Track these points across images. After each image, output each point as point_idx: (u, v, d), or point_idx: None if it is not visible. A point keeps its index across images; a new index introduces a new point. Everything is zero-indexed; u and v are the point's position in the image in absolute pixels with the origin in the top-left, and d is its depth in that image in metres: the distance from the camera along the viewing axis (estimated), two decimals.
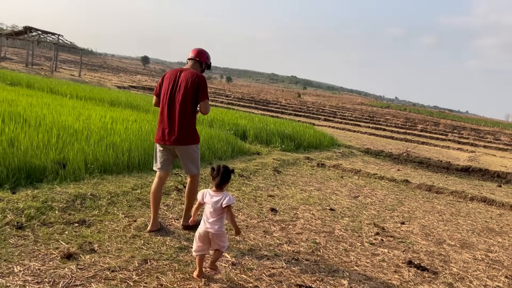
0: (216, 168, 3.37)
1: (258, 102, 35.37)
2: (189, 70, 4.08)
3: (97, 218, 4.14)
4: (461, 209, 7.36)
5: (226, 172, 3.36)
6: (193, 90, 3.95)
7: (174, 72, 4.10)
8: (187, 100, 3.95)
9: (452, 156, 18.18)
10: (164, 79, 4.11)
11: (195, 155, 4.13)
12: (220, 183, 3.33)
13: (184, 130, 3.98)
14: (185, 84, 3.95)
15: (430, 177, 10.70)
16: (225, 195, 3.30)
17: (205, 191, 3.38)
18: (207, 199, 3.31)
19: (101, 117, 8.91)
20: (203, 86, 3.98)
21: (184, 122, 3.97)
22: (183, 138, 3.99)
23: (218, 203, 3.26)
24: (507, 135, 37.51)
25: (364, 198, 7.06)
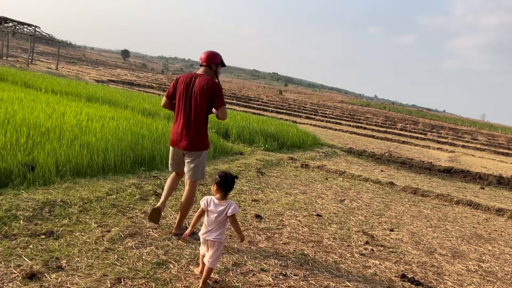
0: (222, 175, 3.30)
1: (240, 99, 35.03)
2: (203, 76, 4.07)
3: (66, 228, 3.77)
4: (447, 213, 7.22)
5: (231, 179, 3.33)
6: (208, 98, 3.96)
7: (188, 77, 4.09)
8: (201, 107, 3.98)
9: (433, 156, 18.24)
10: (178, 83, 4.10)
11: (202, 161, 4.14)
12: (226, 191, 3.30)
13: (196, 136, 4.02)
14: (200, 91, 3.96)
15: (414, 179, 10.60)
16: (230, 204, 3.25)
17: (208, 198, 3.30)
18: (212, 207, 3.25)
19: (76, 114, 8.46)
20: (218, 93, 3.99)
21: (197, 128, 4.02)
22: (194, 143, 4.03)
23: (223, 212, 3.22)
24: (483, 135, 38.20)
25: (350, 202, 6.85)
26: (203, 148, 4.11)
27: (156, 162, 6.57)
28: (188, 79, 4.05)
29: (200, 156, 4.09)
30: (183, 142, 4.02)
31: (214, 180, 3.31)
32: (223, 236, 3.27)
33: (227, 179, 3.29)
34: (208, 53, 4.16)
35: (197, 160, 4.08)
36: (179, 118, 4.06)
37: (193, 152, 4.04)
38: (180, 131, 4.04)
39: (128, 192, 5.00)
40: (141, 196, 5.02)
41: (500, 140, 34.45)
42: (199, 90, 3.95)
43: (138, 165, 6.25)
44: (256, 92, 51.10)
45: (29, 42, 41.14)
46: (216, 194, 3.32)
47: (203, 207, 3.28)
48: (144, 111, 12.22)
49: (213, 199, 3.29)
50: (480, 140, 32.11)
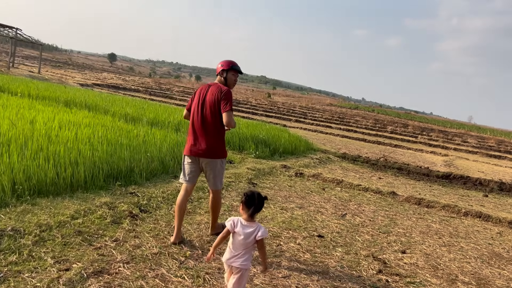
0: (249, 194, 3.08)
1: None
2: (216, 84, 4.16)
3: (13, 268, 3.00)
4: (458, 227, 6.58)
5: (261, 199, 3.10)
6: (218, 104, 4.00)
7: (204, 88, 4.19)
8: (213, 114, 4.02)
9: (427, 161, 17.73)
10: (195, 95, 4.21)
11: (220, 170, 4.16)
12: (254, 212, 3.05)
13: (211, 144, 4.04)
14: (210, 98, 4.03)
15: (414, 187, 9.98)
16: (259, 227, 3.02)
17: (235, 219, 3.06)
18: (239, 229, 3.00)
19: (48, 120, 7.65)
20: (225, 97, 4.00)
21: (211, 136, 4.04)
22: (210, 151, 4.05)
23: (251, 235, 2.98)
24: (473, 137, 37.93)
25: (352, 217, 6.17)
26: (220, 156, 4.12)
27: (134, 176, 5.81)
28: (204, 89, 4.16)
29: (217, 164, 4.11)
30: (198, 150, 4.06)
31: (241, 199, 3.10)
32: (249, 262, 3.03)
33: (253, 198, 3.05)
34: (220, 62, 4.24)
35: (215, 169, 4.11)
36: (195, 127, 4.11)
37: (209, 159, 4.06)
38: (195, 139, 4.09)
39: (98, 214, 4.24)
40: (114, 218, 4.26)
41: (490, 143, 34.25)
42: (211, 98, 4.02)
43: (113, 179, 5.48)
44: (244, 96, 50.41)
45: (10, 45, 39.89)
46: (243, 215, 3.07)
47: (229, 228, 3.02)
48: (126, 116, 11.44)
49: (240, 220, 3.04)
50: (470, 142, 31.81)
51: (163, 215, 4.72)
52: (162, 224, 4.44)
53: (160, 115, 12.24)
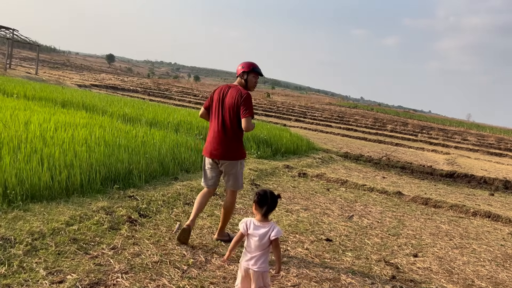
0: (261, 193, 2.98)
1: None
2: (236, 86, 4.12)
3: (2, 281, 2.77)
4: (467, 228, 6.38)
5: (272, 198, 2.98)
6: (237, 106, 3.97)
7: (223, 89, 4.14)
8: (232, 116, 4.00)
9: (429, 159, 17.54)
10: (214, 94, 4.17)
11: (239, 171, 4.14)
12: (267, 212, 2.95)
13: (229, 145, 4.02)
14: (230, 100, 4.01)
15: (419, 186, 9.78)
16: (273, 226, 2.92)
17: (248, 220, 2.98)
18: (252, 230, 2.92)
19: (43, 121, 7.42)
20: (245, 102, 3.97)
21: (230, 138, 4.02)
22: (228, 152, 4.03)
23: (265, 235, 2.88)
24: (473, 135, 37.76)
25: (360, 219, 5.95)
26: (239, 157, 4.10)
27: (133, 178, 5.58)
28: (223, 90, 4.11)
29: (236, 165, 4.08)
30: (217, 151, 4.03)
31: (253, 198, 3.01)
32: (267, 264, 2.94)
33: (266, 197, 2.95)
34: (240, 64, 4.19)
35: (234, 170, 4.08)
36: (213, 128, 4.10)
37: (228, 161, 4.04)
38: (214, 141, 4.06)
39: (95, 220, 4.01)
40: (111, 224, 4.03)
41: (490, 140, 34.12)
42: (230, 100, 4.00)
43: (110, 182, 5.25)
44: None
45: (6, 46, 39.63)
46: (256, 215, 2.98)
47: (242, 230, 2.95)
48: (124, 117, 11.20)
49: (253, 221, 2.95)
50: (470, 140, 31.66)
51: (164, 220, 4.49)
52: (163, 229, 4.22)
53: (159, 115, 12.01)
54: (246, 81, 4.15)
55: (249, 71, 4.14)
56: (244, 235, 2.97)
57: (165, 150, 7.06)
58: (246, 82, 4.15)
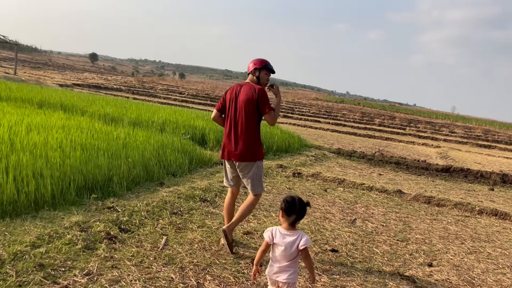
0: (289, 201, 2.81)
1: (214, 99, 33.46)
2: (248, 84, 4.01)
3: None
4: (476, 229, 5.96)
5: (302, 206, 2.82)
6: (253, 105, 3.86)
7: (235, 88, 4.03)
8: (248, 115, 3.87)
9: (422, 153, 17.26)
10: (227, 94, 4.05)
11: (258, 172, 3.97)
12: (295, 220, 2.78)
13: (246, 146, 3.89)
14: (244, 99, 3.88)
15: (417, 182, 9.37)
16: (301, 235, 2.77)
17: (273, 229, 2.81)
18: (278, 239, 2.75)
19: (14, 124, 6.79)
20: (262, 99, 3.85)
21: (247, 138, 3.90)
22: (245, 154, 3.89)
23: (293, 244, 2.71)
24: (459, 127, 37.81)
25: (363, 223, 5.48)
26: (256, 158, 3.94)
27: (114, 186, 5.01)
28: (235, 89, 4.00)
29: (253, 167, 3.92)
30: (235, 153, 3.91)
31: (280, 205, 2.85)
32: (296, 275, 2.76)
33: (294, 204, 2.78)
34: (252, 61, 4.08)
35: (251, 173, 3.92)
36: (229, 129, 3.98)
37: (245, 163, 3.90)
38: (231, 142, 3.94)
39: (67, 239, 3.45)
40: (87, 243, 3.48)
41: (477, 132, 34.18)
42: (245, 98, 3.87)
43: (87, 192, 4.68)
44: None
45: None
46: (283, 223, 2.79)
47: (268, 240, 2.78)
48: (105, 117, 10.58)
49: (279, 229, 2.78)
50: (458, 133, 31.64)
51: (148, 234, 3.95)
52: (147, 246, 3.68)
53: (143, 115, 11.40)
54: (258, 78, 4.03)
55: (261, 68, 4.03)
56: (270, 245, 2.79)
57: (149, 152, 6.50)
58: (258, 79, 4.03)
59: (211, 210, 5.02)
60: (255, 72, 4.03)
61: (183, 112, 14.07)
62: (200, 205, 5.10)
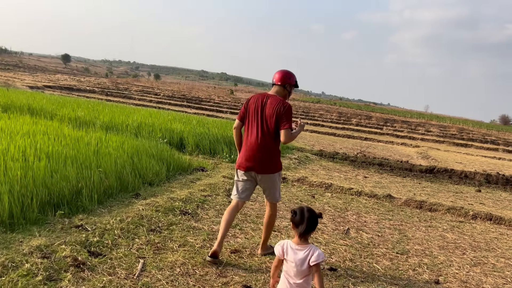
0: (298, 211, 2.72)
1: (191, 100, 32.81)
2: (275, 96, 3.88)
3: None
4: (473, 235, 5.67)
5: (312, 217, 2.69)
6: (278, 117, 3.76)
7: (260, 98, 3.91)
8: (273, 128, 3.79)
9: (402, 153, 17.19)
10: (249, 104, 3.95)
11: (278, 183, 3.98)
12: (305, 232, 2.65)
13: (268, 158, 3.83)
14: (270, 112, 3.78)
15: (404, 185, 9.10)
16: (313, 249, 2.62)
17: (285, 243, 2.69)
18: (290, 255, 2.62)
19: None
20: (287, 114, 3.78)
21: (269, 150, 3.83)
22: (266, 166, 3.84)
23: (304, 260, 2.58)
24: (435, 126, 38.28)
25: (357, 233, 5.10)
26: (276, 170, 3.92)
27: (83, 200, 4.46)
28: (260, 99, 3.88)
29: (274, 179, 3.89)
30: (255, 164, 3.81)
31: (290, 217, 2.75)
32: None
33: (302, 215, 2.67)
34: (284, 73, 3.96)
35: (273, 183, 3.90)
36: (250, 140, 3.86)
37: (266, 175, 3.84)
38: (251, 154, 3.83)
39: (25, 269, 2.91)
40: (49, 273, 2.94)
41: (452, 131, 34.68)
42: (271, 111, 3.77)
43: (52, 208, 4.12)
44: (206, 93, 48.70)
45: None
46: (294, 236, 2.70)
47: (279, 255, 2.69)
48: (76, 121, 9.94)
49: (290, 244, 2.68)
50: (434, 132, 32.00)
51: (122, 258, 3.44)
52: (121, 273, 3.17)
53: (116, 118, 10.77)
54: (289, 93, 4.01)
55: (294, 85, 4.00)
56: (281, 260, 2.70)
57: (123, 160, 5.95)
58: (289, 94, 4.01)
59: (193, 224, 4.53)
60: (289, 87, 3.96)
61: (159, 114, 13.48)
62: (181, 219, 4.61)
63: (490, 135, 35.12)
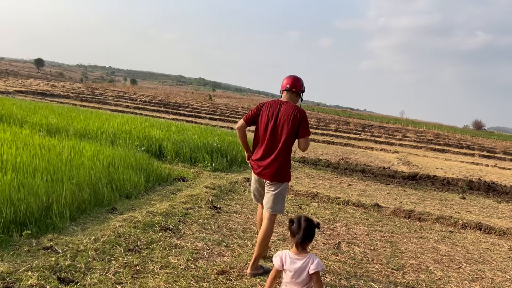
0: (295, 220, 2.70)
1: (168, 106, 32.24)
2: (289, 103, 3.82)
3: None
4: (466, 247, 5.50)
5: (309, 226, 2.65)
6: (294, 126, 3.69)
7: (273, 105, 3.83)
8: (288, 136, 3.71)
9: (382, 159, 17.16)
10: (262, 111, 3.86)
11: (283, 193, 3.85)
12: (302, 241, 2.61)
13: (279, 165, 3.73)
14: (287, 119, 3.70)
15: (389, 193, 8.94)
16: (311, 258, 2.59)
17: (283, 254, 2.64)
18: (288, 265, 2.59)
19: None
20: (305, 122, 3.75)
21: (282, 158, 3.74)
22: (277, 174, 3.75)
23: (303, 270, 2.55)
24: (411, 131, 38.75)
25: (349, 247, 4.85)
26: (286, 179, 3.83)
27: (53, 217, 4.06)
28: (273, 107, 3.82)
29: (280, 187, 3.80)
30: (267, 171, 3.77)
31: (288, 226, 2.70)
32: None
33: (298, 224, 2.64)
34: (295, 78, 3.92)
35: (277, 191, 3.79)
36: (263, 147, 3.82)
37: (275, 183, 3.78)
38: (265, 161, 3.78)
39: None
40: None
41: (428, 136, 35.20)
42: (286, 118, 3.72)
43: (18, 227, 3.71)
44: (184, 98, 48.09)
45: None
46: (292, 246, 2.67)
47: (277, 266, 2.64)
48: (48, 128, 9.42)
49: (289, 254, 2.64)
50: (410, 137, 32.35)
51: (97, 284, 3.06)
52: None
53: (91, 124, 10.29)
54: (301, 99, 4.02)
55: (303, 91, 4.01)
56: (280, 271, 2.67)
57: (98, 170, 5.55)
58: (302, 100, 4.03)
59: (175, 242, 4.18)
60: (301, 94, 3.97)
61: (136, 121, 13.02)
62: (162, 236, 4.25)
63: (465, 140, 35.78)
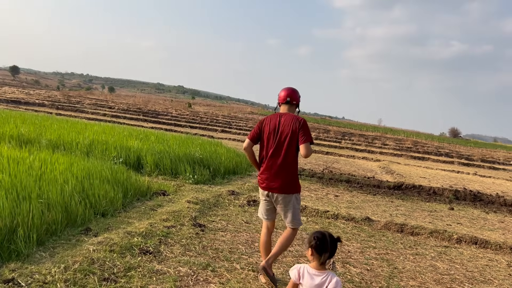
0: (320, 237, 2.56)
1: (147, 114, 31.60)
2: (288, 114, 3.90)
3: None
4: (464, 263, 5.25)
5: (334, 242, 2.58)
6: (295, 134, 3.74)
7: (273, 118, 3.89)
8: (291, 145, 3.76)
9: (366, 168, 17.04)
10: (264, 125, 3.92)
11: (296, 205, 3.84)
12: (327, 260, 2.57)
13: (286, 178, 3.77)
14: (287, 129, 3.77)
15: (377, 204, 8.69)
16: (330, 276, 2.54)
17: (301, 267, 2.61)
18: (306, 280, 2.55)
19: None
20: (304, 128, 3.76)
21: (287, 169, 3.77)
22: (285, 186, 3.77)
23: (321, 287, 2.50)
24: (390, 139, 39.02)
25: (344, 267, 4.52)
26: (295, 191, 3.83)
27: (18, 241, 3.60)
28: (274, 119, 3.88)
29: (291, 200, 3.80)
30: (274, 184, 3.76)
31: (309, 242, 2.61)
32: None
33: (325, 242, 2.54)
34: (291, 90, 3.99)
35: (291, 205, 3.79)
36: (268, 160, 3.81)
37: (285, 195, 3.76)
38: (269, 174, 3.78)
39: None
40: None
41: (407, 144, 35.53)
42: (288, 129, 3.76)
43: None
44: (163, 106, 47.36)
45: None
46: (312, 261, 2.59)
47: (294, 279, 2.60)
48: (19, 139, 8.85)
49: (307, 268, 2.58)
50: (390, 145, 32.54)
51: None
52: None
53: (65, 135, 9.74)
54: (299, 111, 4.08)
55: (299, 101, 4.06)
56: (296, 284, 2.64)
57: (72, 186, 5.08)
58: (299, 112, 4.07)
59: (156, 267, 3.76)
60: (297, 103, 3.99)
61: (114, 130, 12.49)
62: (141, 261, 3.82)
63: (443, 148, 36.21)
